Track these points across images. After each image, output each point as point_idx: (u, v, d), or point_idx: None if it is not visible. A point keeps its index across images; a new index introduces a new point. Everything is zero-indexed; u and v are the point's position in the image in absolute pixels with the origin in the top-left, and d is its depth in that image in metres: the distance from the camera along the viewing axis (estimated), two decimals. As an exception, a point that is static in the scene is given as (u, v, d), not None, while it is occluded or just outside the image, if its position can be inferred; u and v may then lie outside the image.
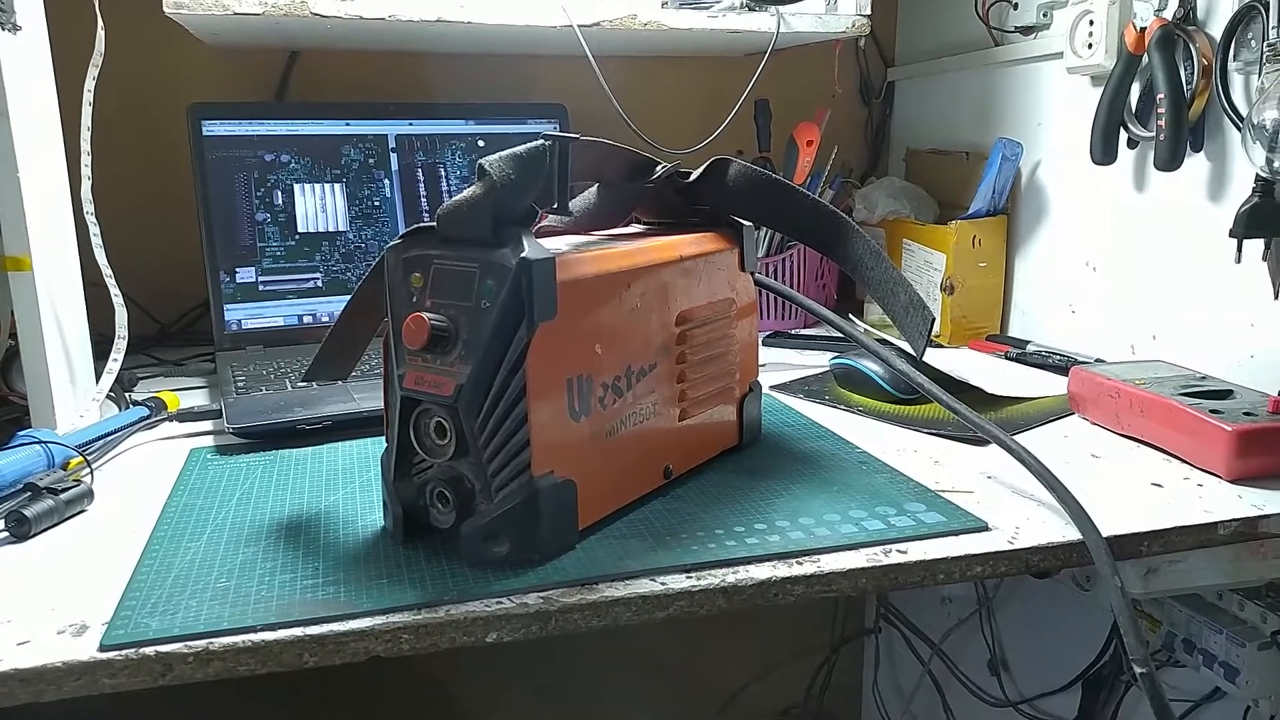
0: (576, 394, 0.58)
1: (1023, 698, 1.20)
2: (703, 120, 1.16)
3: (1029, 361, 1.02)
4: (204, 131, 1.01)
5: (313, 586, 0.54)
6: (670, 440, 0.67)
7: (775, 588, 0.56)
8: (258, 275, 1.03)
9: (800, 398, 0.92)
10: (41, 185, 0.77)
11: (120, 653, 0.47)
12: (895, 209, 1.21)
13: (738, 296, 0.74)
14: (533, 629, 0.52)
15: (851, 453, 0.76)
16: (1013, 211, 1.13)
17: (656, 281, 0.64)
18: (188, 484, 0.70)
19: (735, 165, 0.72)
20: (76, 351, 0.82)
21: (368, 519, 0.64)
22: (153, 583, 0.54)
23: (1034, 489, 0.67)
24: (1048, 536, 0.61)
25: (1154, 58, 0.86)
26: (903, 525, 0.62)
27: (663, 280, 0.65)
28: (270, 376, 0.91)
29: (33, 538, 0.61)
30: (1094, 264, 1.02)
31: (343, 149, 1.06)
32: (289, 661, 0.49)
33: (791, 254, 1.21)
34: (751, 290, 0.76)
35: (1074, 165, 1.03)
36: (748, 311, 0.76)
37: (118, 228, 0.89)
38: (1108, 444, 0.78)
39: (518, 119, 1.14)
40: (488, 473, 0.55)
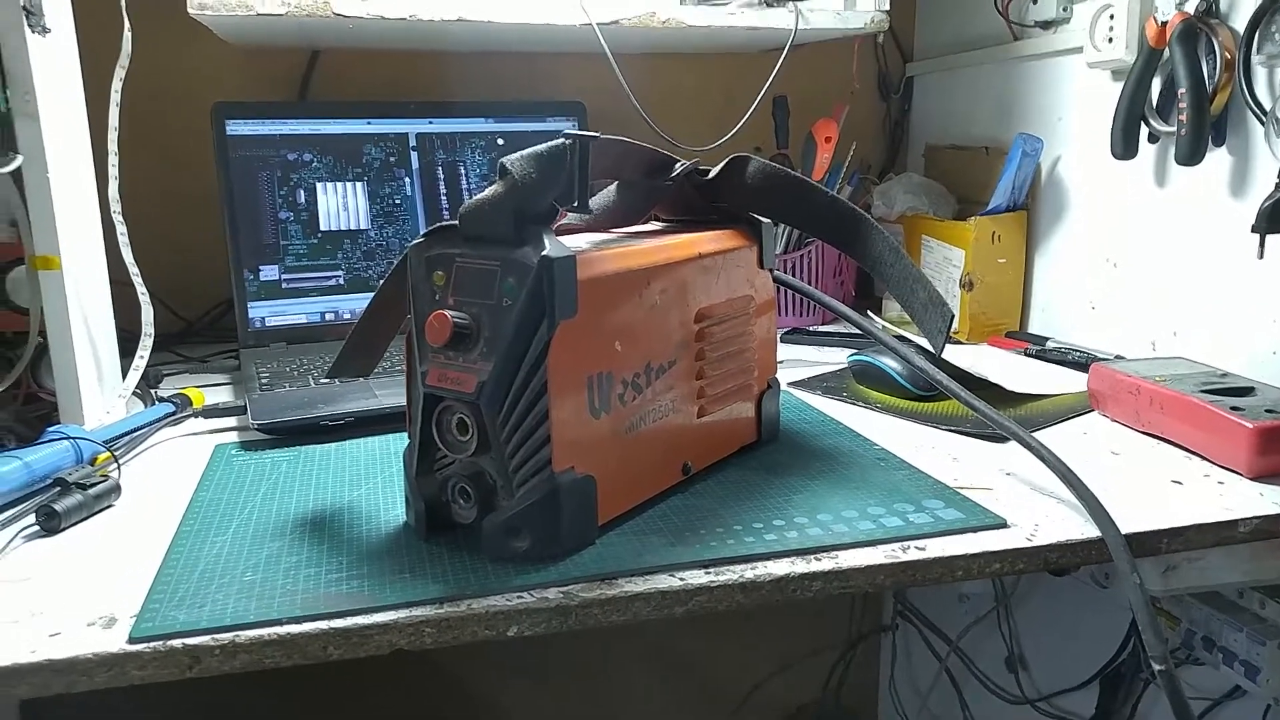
0: (597, 391, 0.58)
1: (1040, 695, 1.20)
2: (721, 117, 1.16)
3: (1048, 358, 1.02)
4: (228, 131, 1.02)
5: (337, 580, 0.54)
6: (689, 437, 0.68)
7: (793, 583, 0.56)
8: (281, 273, 1.04)
9: (819, 394, 0.92)
10: (70, 185, 0.78)
11: (149, 645, 0.48)
12: (914, 205, 1.21)
13: (756, 293, 0.74)
14: (553, 623, 0.53)
15: (870, 449, 0.76)
16: (1032, 207, 1.13)
17: (676, 279, 0.65)
18: (213, 479, 0.71)
19: (754, 162, 0.73)
20: (104, 349, 0.83)
21: (390, 514, 0.64)
22: (179, 576, 0.55)
23: (1053, 486, 0.67)
24: (1067, 534, 0.61)
25: (1176, 51, 0.86)
26: (921, 522, 0.62)
27: (682, 277, 0.66)
28: (293, 373, 0.92)
29: (62, 531, 0.62)
30: (1114, 260, 1.02)
31: (364, 148, 1.07)
32: (314, 654, 0.50)
33: (809, 250, 1.21)
34: (770, 287, 0.77)
35: (1094, 160, 1.03)
36: (766, 308, 0.76)
37: (143, 226, 0.90)
38: (1128, 441, 0.78)
39: (537, 117, 1.15)
40: (509, 469, 0.55)
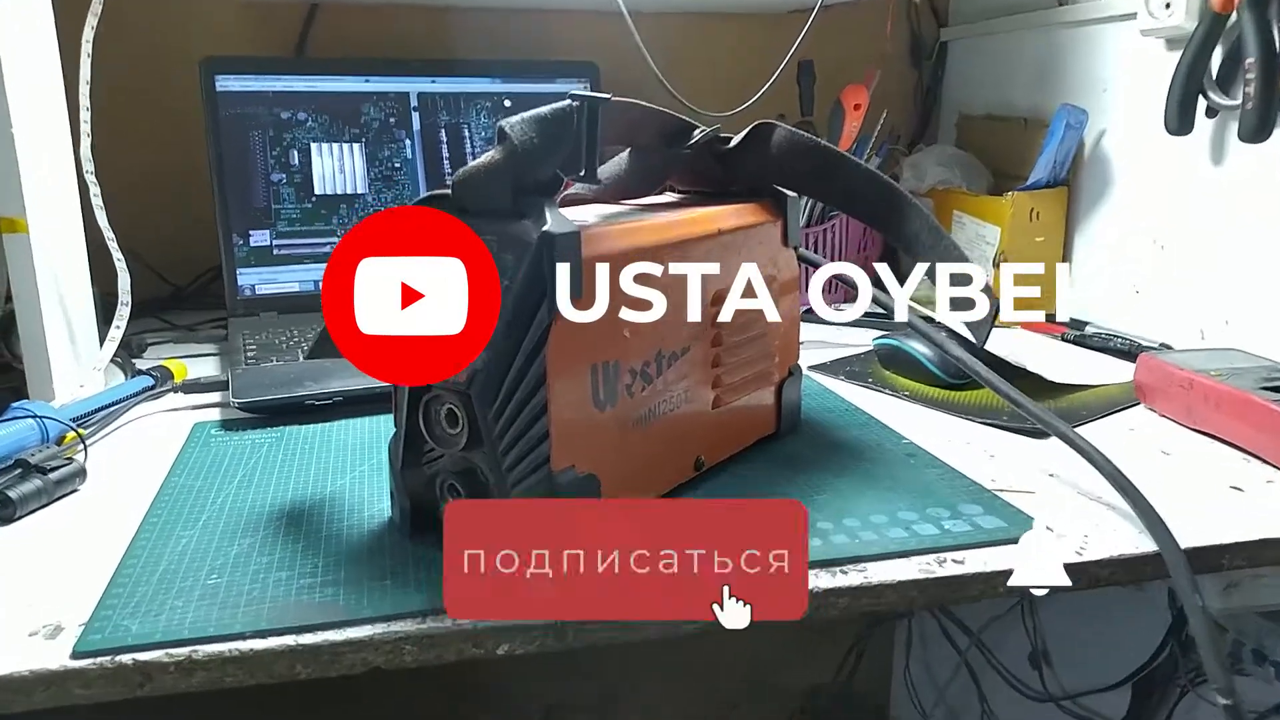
0: (602, 381, 0.53)
1: (1065, 694, 1.15)
2: (743, 82, 1.09)
3: (1089, 345, 0.96)
4: (217, 87, 0.96)
5: (309, 587, 0.49)
6: (703, 429, 0.62)
7: (817, 600, 0.50)
8: (272, 239, 0.99)
9: (841, 379, 0.86)
10: (39, 144, 0.72)
11: (94, 660, 0.43)
12: (946, 178, 1.14)
13: (779, 273, 0.68)
14: (548, 641, 0.48)
15: (899, 444, 0.70)
16: (1074, 183, 1.06)
17: (692, 258, 0.59)
18: (187, 463, 0.66)
19: (780, 130, 0.66)
20: (79, 318, 0.78)
21: (375, 508, 0.59)
22: (139, 577, 0.50)
23: (1101, 489, 0.61)
24: (1119, 547, 0.55)
25: (1245, 17, 0.78)
26: (958, 531, 0.56)
27: (699, 256, 0.59)
28: (283, 346, 0.87)
29: (17, 521, 0.57)
30: (1162, 242, 0.95)
31: (362, 107, 1.01)
32: (280, 673, 0.45)
33: (834, 224, 1.15)
34: (794, 265, 0.70)
35: (1144, 135, 0.96)
36: (789, 289, 0.70)
37: (130, 187, 0.85)
38: (1179, 439, 0.72)
39: (546, 77, 1.08)
40: (503, 466, 0.50)
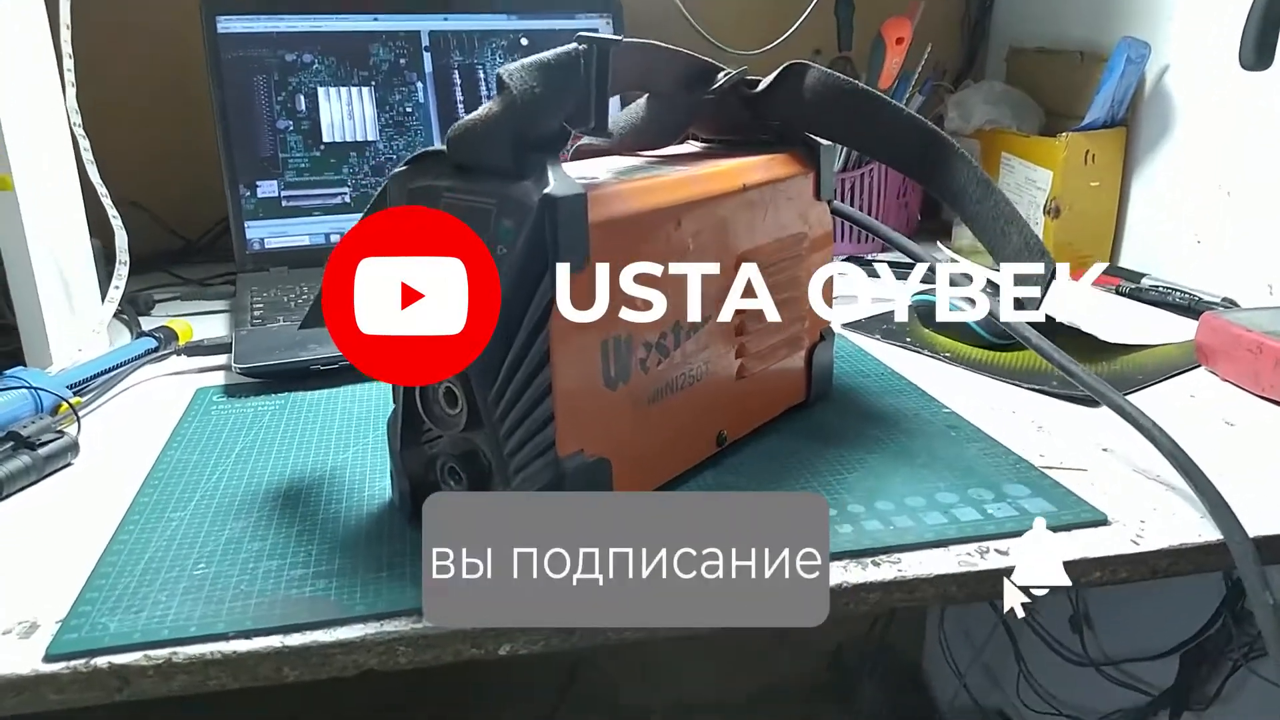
0: (613, 357, 0.48)
1: (1108, 659, 1.11)
2: (774, 16, 1.02)
3: (1145, 298, 0.89)
4: (219, 28, 0.91)
5: (300, 580, 0.46)
6: (725, 401, 0.58)
7: (846, 595, 0.47)
8: (280, 189, 0.94)
9: (877, 339, 0.81)
10: (25, 97, 0.68)
11: (68, 664, 0.40)
12: (994, 117, 1.07)
13: (810, 229, 0.63)
14: (553, 641, 0.44)
15: (938, 414, 0.65)
16: (1133, 124, 0.98)
17: (714, 217, 0.54)
18: (185, 434, 0.63)
19: (814, 71, 0.60)
20: (76, 279, 0.75)
21: (376, 486, 0.56)
22: (122, 567, 0.47)
23: (1159, 467, 0.56)
24: (1180, 535, 0.51)
25: (1335, -64, 0.70)
26: (1003, 516, 0.52)
27: (721, 215, 0.54)
28: (291, 305, 0.83)
29: (4, 500, 0.54)
30: (1228, 188, 0.88)
31: (371, 48, 0.96)
32: (266, 675, 0.42)
33: (870, 168, 1.08)
34: (827, 220, 0.65)
35: (1213, 70, 0.88)
36: (822, 245, 0.65)
37: (136, 137, 0.81)
38: (1245, 408, 0.66)
39: (566, 13, 1.02)
40: (504, 451, 0.46)
